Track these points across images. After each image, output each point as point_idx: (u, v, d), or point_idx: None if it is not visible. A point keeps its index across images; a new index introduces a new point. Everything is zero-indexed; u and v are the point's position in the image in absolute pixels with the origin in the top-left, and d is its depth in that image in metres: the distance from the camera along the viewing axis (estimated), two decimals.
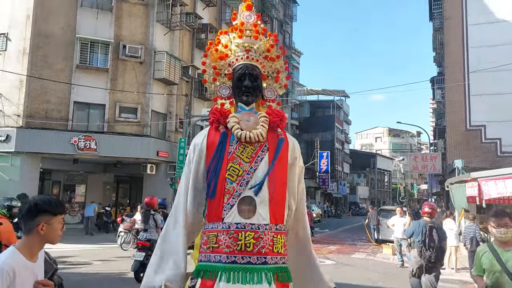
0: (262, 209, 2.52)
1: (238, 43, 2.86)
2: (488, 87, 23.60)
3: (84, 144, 17.79)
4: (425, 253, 6.55)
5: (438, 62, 34.67)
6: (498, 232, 3.30)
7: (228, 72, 2.84)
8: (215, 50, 2.91)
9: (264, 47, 2.93)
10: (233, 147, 2.60)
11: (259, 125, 2.66)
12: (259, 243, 2.47)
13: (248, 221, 2.47)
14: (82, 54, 18.65)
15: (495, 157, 22.59)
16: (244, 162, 2.56)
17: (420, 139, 78.03)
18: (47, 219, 2.15)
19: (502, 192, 11.36)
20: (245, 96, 2.77)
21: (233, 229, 2.44)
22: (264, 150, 2.63)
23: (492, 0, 25.22)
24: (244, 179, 2.54)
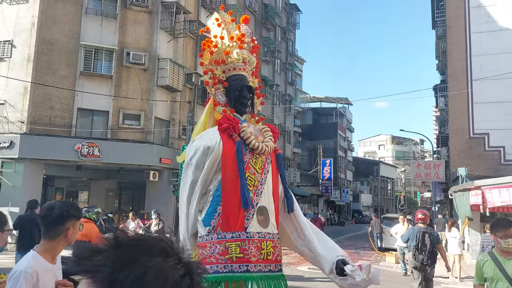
0: (272, 219, 2.62)
1: (239, 53, 2.92)
2: (492, 95, 23.59)
3: (88, 150, 17.83)
4: (418, 256, 7.16)
5: (441, 70, 34.69)
6: (505, 242, 3.26)
7: (223, 79, 2.91)
8: (210, 52, 2.98)
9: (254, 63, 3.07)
10: (248, 156, 2.66)
11: (267, 138, 2.77)
12: (276, 251, 2.57)
13: (265, 231, 2.55)
14: (86, 61, 18.76)
15: (499, 165, 22.51)
16: (257, 173, 2.64)
17: (423, 147, 77.82)
18: (73, 223, 2.25)
19: (506, 200, 11.35)
20: (242, 107, 2.87)
21: (256, 239, 2.48)
22: (268, 163, 2.74)
23: (495, 8, 25.30)
24: (259, 189, 2.60)
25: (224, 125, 2.71)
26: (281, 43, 37.41)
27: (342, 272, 2.63)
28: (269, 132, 2.83)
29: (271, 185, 2.68)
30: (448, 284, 10.83)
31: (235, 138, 2.66)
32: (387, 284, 10.53)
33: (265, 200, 2.60)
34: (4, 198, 16.60)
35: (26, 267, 2.07)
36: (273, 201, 2.66)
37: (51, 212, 2.22)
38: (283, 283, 2.52)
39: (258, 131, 2.82)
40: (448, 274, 11.81)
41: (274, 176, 2.74)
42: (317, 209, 36.52)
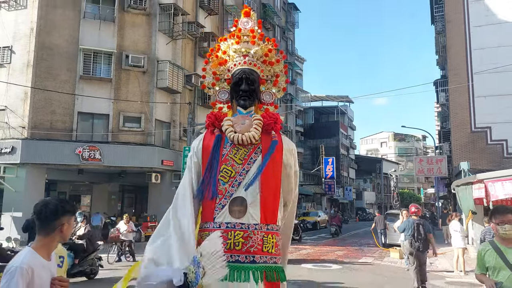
0: (253, 209, 2.58)
1: (235, 48, 2.93)
2: (493, 88, 23.50)
3: (89, 154, 17.86)
4: (414, 244, 8.40)
5: (441, 65, 34.60)
6: (502, 229, 3.23)
7: (227, 78, 2.92)
8: (216, 56, 2.99)
9: (262, 51, 2.96)
10: (227, 149, 2.68)
11: (252, 128, 2.71)
12: (248, 242, 2.52)
13: (238, 221, 2.54)
14: (85, 65, 18.80)
15: (502, 158, 22.42)
16: (236, 164, 2.63)
17: (425, 143, 77.65)
18: (68, 219, 2.26)
19: (509, 193, 11.26)
20: (242, 100, 2.82)
21: (223, 228, 2.51)
22: (257, 152, 2.68)
23: (493, 1, 25.22)
24: (236, 180, 2.60)
25: (206, 122, 2.83)
26: (281, 43, 37.40)
27: None
28: (257, 120, 2.76)
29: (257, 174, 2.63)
30: (453, 278, 10.77)
31: (215, 133, 2.74)
32: (391, 279, 10.48)
33: (245, 191, 2.58)
34: (7, 204, 16.64)
35: (22, 262, 2.06)
36: (262, 192, 2.59)
37: (46, 208, 2.21)
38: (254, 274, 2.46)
39: (250, 121, 2.77)
40: (452, 268, 11.77)
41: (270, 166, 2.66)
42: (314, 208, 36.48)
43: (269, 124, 2.78)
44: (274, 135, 2.78)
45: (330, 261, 13.49)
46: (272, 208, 2.65)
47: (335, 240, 22.71)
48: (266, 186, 2.63)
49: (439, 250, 17.08)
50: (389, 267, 12.83)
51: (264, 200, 2.61)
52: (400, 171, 71.27)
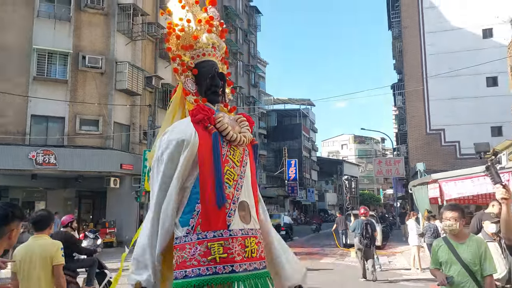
0: (254, 214, 2.47)
1: (208, 36, 2.71)
2: (446, 92, 24.54)
3: (43, 158, 17.12)
4: (363, 241, 9.74)
5: (398, 69, 35.78)
6: (444, 225, 3.38)
7: (191, 66, 2.69)
8: (176, 37, 2.73)
9: (224, 48, 2.86)
10: (225, 149, 2.48)
11: (244, 128, 2.59)
12: (259, 248, 2.42)
13: (248, 227, 2.39)
14: (39, 65, 18.03)
15: (455, 159, 23.41)
16: (236, 166, 2.47)
17: (384, 145, 79.97)
18: (17, 225, 2.15)
19: (462, 192, 11.74)
20: (215, 96, 2.66)
21: (240, 236, 2.32)
22: (246, 154, 2.58)
23: (447, 9, 26.36)
24: (239, 183, 2.44)
25: (199, 116, 2.48)
26: (243, 45, 37.45)
27: None
28: (245, 121, 2.65)
29: (249, 178, 2.53)
30: (410, 276, 11.07)
31: (211, 130, 2.45)
32: (351, 278, 10.64)
33: (245, 194, 2.44)
34: None
35: None
36: (253, 194, 2.53)
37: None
38: (270, 281, 2.40)
39: (234, 121, 2.63)
40: (410, 266, 12.10)
41: (252, 169, 2.60)
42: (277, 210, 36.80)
43: (252, 126, 2.71)
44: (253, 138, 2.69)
45: None
46: (257, 210, 2.58)
47: (297, 242, 22.90)
48: (255, 189, 2.58)
49: (397, 248, 17.58)
50: (349, 266, 13.04)
51: (256, 203, 2.55)
52: (360, 172, 73.03)
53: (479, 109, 23.70)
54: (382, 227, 19.30)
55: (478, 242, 3.33)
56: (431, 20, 26.62)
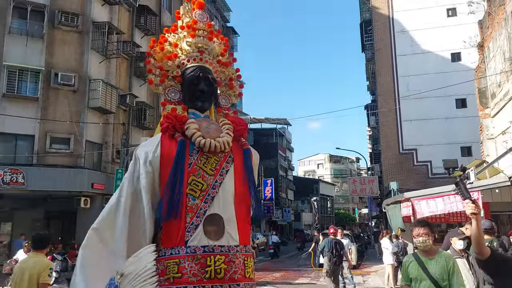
0: (230, 229, 2.20)
1: (190, 42, 2.56)
2: (417, 113, 25.18)
3: (11, 178, 16.53)
4: (332, 259, 9.96)
5: (372, 90, 36.58)
6: (417, 241, 3.39)
7: (177, 74, 2.54)
8: (160, 49, 2.60)
9: (218, 50, 2.70)
10: (194, 157, 2.25)
11: (223, 133, 2.36)
12: (231, 267, 2.12)
13: (217, 243, 2.13)
14: (9, 82, 17.59)
15: (427, 178, 23.86)
16: (207, 175, 2.22)
17: (359, 165, 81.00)
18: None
19: (433, 210, 11.92)
20: (200, 102, 2.46)
21: (199, 253, 2.08)
22: (229, 161, 2.32)
23: (418, 33, 27.29)
24: (209, 195, 2.19)
25: (164, 124, 2.33)
26: None
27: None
28: (228, 125, 2.40)
29: (231, 189, 2.25)
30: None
31: (177, 138, 2.27)
32: None
33: (219, 207, 2.17)
34: None
35: None
36: (236, 207, 2.23)
37: None
38: None
39: (216, 126, 2.41)
40: (384, 284, 12.10)
41: (239, 177, 2.31)
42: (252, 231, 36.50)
43: (239, 130, 2.47)
44: (244, 142, 2.48)
45: (264, 283, 13.37)
46: (247, 226, 2.33)
47: (273, 262, 22.69)
48: (240, 202, 2.28)
49: (372, 267, 17.60)
50: (324, 286, 12.94)
51: (240, 217, 2.25)
52: (336, 192, 73.55)
53: (450, 130, 24.36)
54: (357, 247, 19.33)
55: (447, 257, 3.35)
56: (403, 43, 27.49)
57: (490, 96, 14.63)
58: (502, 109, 13.21)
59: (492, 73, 14.24)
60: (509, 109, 12.50)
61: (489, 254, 3.13)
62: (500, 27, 13.23)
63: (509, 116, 12.37)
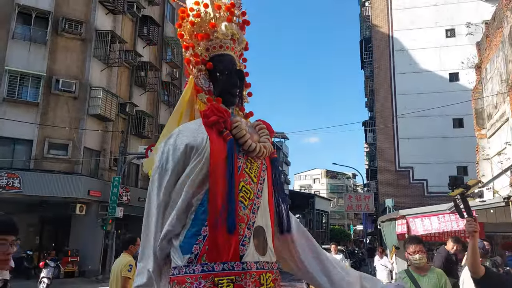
0: (270, 243, 1.99)
1: (227, 26, 2.24)
2: (415, 131, 25.32)
3: (7, 182, 16.53)
4: None
5: (370, 107, 36.79)
6: (413, 258, 3.43)
7: (206, 59, 2.23)
8: (191, 23, 2.25)
9: (244, 42, 2.39)
10: (241, 161, 2.00)
11: (263, 138, 2.15)
12: (276, 285, 1.94)
13: (263, 259, 1.91)
14: (10, 86, 17.70)
15: (422, 197, 23.90)
16: (252, 182, 1.99)
17: (355, 181, 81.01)
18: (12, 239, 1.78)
19: (428, 229, 11.96)
20: (231, 96, 2.19)
21: (254, 271, 1.84)
22: (264, 169, 2.10)
23: (417, 52, 27.59)
24: (255, 204, 1.95)
25: (213, 117, 2.01)
26: None
27: None
28: (265, 129, 2.19)
29: (267, 198, 2.04)
30: None
31: (226, 136, 1.98)
32: None
33: (262, 218, 1.96)
34: None
35: None
36: (270, 219, 2.03)
37: None
38: None
39: (252, 128, 2.19)
40: None
41: (270, 187, 2.11)
42: None
43: (272, 136, 2.24)
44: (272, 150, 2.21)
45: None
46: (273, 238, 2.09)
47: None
48: (272, 212, 2.07)
49: None
50: None
51: (273, 229, 2.05)
52: (331, 207, 73.39)
53: (446, 149, 24.49)
54: (351, 263, 19.28)
55: (439, 274, 3.41)
56: (402, 62, 27.77)
57: (487, 117, 14.79)
58: (498, 130, 13.36)
59: (489, 94, 14.43)
60: (505, 130, 12.64)
61: (484, 273, 3.16)
62: (497, 49, 13.46)
63: (505, 137, 12.51)
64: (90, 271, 17.90)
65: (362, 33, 36.01)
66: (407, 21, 27.97)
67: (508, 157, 11.97)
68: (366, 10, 33.44)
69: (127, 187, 20.16)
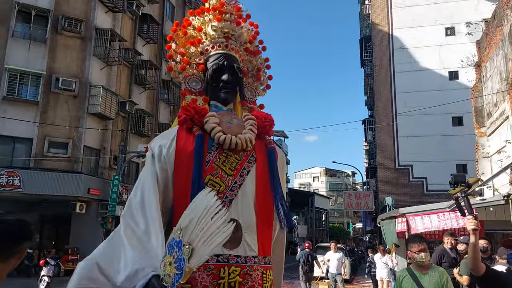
0: (249, 237, 1.96)
1: (216, 26, 2.29)
2: (414, 130, 25.34)
3: (7, 180, 16.52)
4: (304, 267, 11.86)
5: (369, 105, 36.81)
6: (419, 257, 3.42)
7: (200, 62, 2.29)
8: (183, 33, 2.34)
9: (246, 36, 2.41)
10: (212, 155, 2.02)
11: (246, 129, 2.13)
12: (247, 281, 1.90)
13: (233, 253, 1.90)
14: (10, 85, 17.68)
15: (422, 195, 23.94)
16: (226, 175, 1.99)
17: (355, 179, 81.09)
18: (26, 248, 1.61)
19: (428, 227, 11.98)
20: (223, 93, 2.21)
21: (212, 263, 1.85)
22: (251, 161, 2.08)
23: (416, 50, 27.59)
24: (227, 197, 1.95)
25: (182, 116, 2.09)
26: None
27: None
28: (251, 120, 2.16)
29: (252, 192, 2.02)
30: None
31: (195, 132, 2.04)
32: None
33: (237, 212, 1.94)
34: None
35: None
36: (257, 213, 2.00)
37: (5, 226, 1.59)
38: None
39: (239, 121, 2.18)
40: None
41: (260, 179, 2.07)
42: None
43: (264, 126, 2.22)
44: (269, 140, 2.24)
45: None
46: (268, 235, 2.10)
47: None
48: (262, 208, 2.04)
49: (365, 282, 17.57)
50: None
51: (261, 224, 2.02)
52: (331, 205, 73.48)
53: (446, 147, 24.51)
54: (351, 261, 19.32)
55: (440, 272, 3.42)
56: (401, 60, 27.76)
57: (487, 115, 14.82)
58: (498, 128, 13.38)
59: (488, 93, 14.45)
60: (505, 129, 12.67)
61: (484, 271, 3.17)
62: (497, 48, 13.47)
63: (504, 136, 12.53)
64: None
65: (362, 31, 36.00)
66: (407, 19, 27.96)
67: (508, 155, 12.00)
68: (366, 8, 33.41)
69: (127, 186, 20.16)
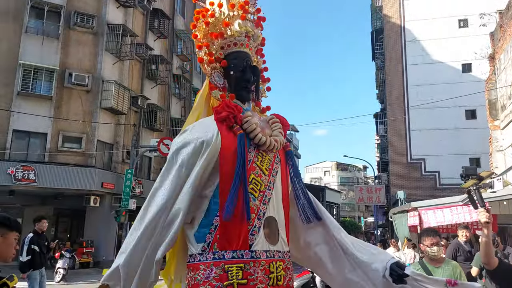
0: (283, 233, 2.09)
1: (241, 24, 2.33)
2: (426, 123, 25.12)
3: (22, 174, 16.81)
4: None
5: (381, 99, 36.51)
6: (431, 250, 3.44)
7: (220, 56, 2.32)
8: (206, 23, 2.34)
9: (260, 38, 2.49)
10: (252, 154, 2.10)
11: (276, 131, 2.24)
12: (287, 274, 2.02)
13: (274, 248, 2.01)
14: (24, 80, 17.93)
15: (434, 189, 23.76)
16: (264, 175, 2.09)
17: (366, 173, 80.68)
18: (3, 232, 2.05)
19: (440, 221, 11.92)
20: (245, 92, 2.28)
21: (264, 259, 1.94)
22: (277, 162, 2.20)
23: (429, 43, 27.27)
24: (266, 196, 2.06)
25: (223, 113, 2.11)
26: None
27: (401, 278, 2.07)
28: (278, 123, 2.28)
29: (280, 190, 2.15)
30: None
31: (236, 131, 2.08)
32: None
33: (274, 209, 2.06)
34: None
35: None
36: (283, 210, 2.13)
37: None
38: None
39: (265, 122, 2.28)
40: None
41: (284, 179, 2.21)
42: None
43: (286, 130, 2.35)
44: (286, 143, 2.33)
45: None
46: (288, 230, 2.20)
47: None
48: (287, 205, 2.19)
49: None
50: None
51: (287, 221, 2.16)
52: (342, 199, 73.34)
53: (459, 141, 24.27)
54: None
55: (453, 265, 3.43)
56: (413, 53, 27.46)
57: (500, 108, 14.64)
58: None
59: (502, 85, 14.26)
60: None
61: (497, 264, 3.17)
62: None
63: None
64: (104, 262, 18.19)
65: (373, 24, 35.63)
66: (419, 11, 27.62)
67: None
68: (377, 0, 33.05)
69: (140, 180, 20.38)
